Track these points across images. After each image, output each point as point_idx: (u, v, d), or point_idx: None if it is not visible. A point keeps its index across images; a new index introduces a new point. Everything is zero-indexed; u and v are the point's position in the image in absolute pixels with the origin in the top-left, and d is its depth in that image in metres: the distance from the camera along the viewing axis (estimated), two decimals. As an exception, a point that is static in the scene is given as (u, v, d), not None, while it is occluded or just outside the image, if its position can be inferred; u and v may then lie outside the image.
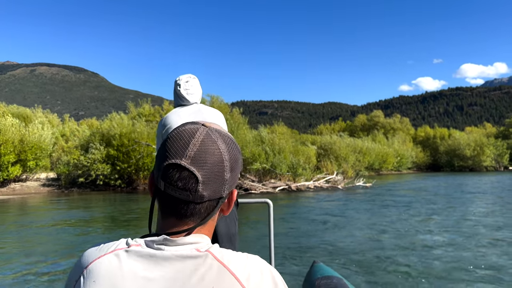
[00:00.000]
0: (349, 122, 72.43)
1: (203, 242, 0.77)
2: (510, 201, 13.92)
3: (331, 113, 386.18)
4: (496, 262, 6.01)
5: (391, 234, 8.19)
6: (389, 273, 5.43)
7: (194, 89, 2.74)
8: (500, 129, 61.00)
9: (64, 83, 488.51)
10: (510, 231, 8.38)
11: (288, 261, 5.93)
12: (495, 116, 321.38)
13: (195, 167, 0.74)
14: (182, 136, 0.77)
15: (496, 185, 21.89)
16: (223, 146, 0.77)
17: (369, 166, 39.59)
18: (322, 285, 2.49)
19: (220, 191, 0.77)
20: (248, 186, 17.82)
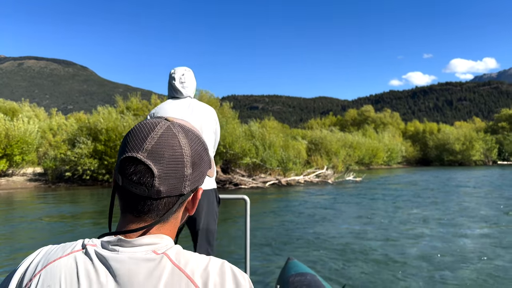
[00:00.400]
0: (339, 116, 72.56)
1: (162, 243, 0.74)
2: (495, 195, 13.99)
3: (322, 107, 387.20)
4: (471, 250, 6.25)
5: (374, 229, 8.19)
6: (366, 266, 5.45)
7: (189, 82, 2.70)
8: (489, 124, 61.53)
9: (52, 76, 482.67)
10: (490, 223, 8.61)
11: (265, 257, 5.88)
12: (484, 111, 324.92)
13: (151, 161, 0.71)
14: (141, 130, 0.74)
15: (484, 179, 22.03)
16: (184, 141, 0.74)
17: (360, 161, 39.71)
18: (295, 282, 2.48)
19: (180, 188, 0.74)
20: (238, 181, 17.68)
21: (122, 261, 0.70)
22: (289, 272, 2.74)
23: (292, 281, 2.53)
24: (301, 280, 2.51)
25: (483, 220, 9.05)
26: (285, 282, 2.58)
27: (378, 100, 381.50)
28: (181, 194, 0.75)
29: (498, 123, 57.47)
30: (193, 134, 0.77)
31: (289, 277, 2.63)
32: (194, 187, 0.77)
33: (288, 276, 2.66)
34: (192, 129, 0.78)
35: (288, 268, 2.85)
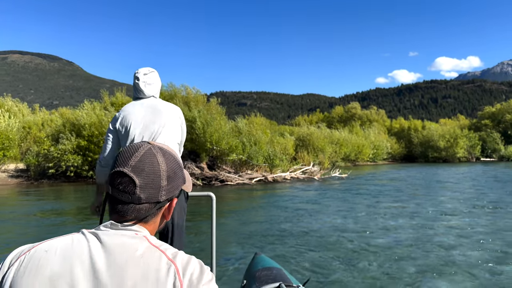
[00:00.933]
0: (326, 113, 72.87)
1: (143, 231, 0.93)
2: (473, 190, 14.20)
3: (309, 104, 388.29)
4: (446, 243, 6.43)
5: (350, 223, 8.28)
6: (335, 258, 5.55)
7: (152, 82, 2.74)
8: (473, 121, 62.42)
9: (37, 71, 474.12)
10: (466, 217, 8.83)
11: (235, 253, 5.90)
12: (468, 109, 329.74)
13: (134, 174, 0.91)
14: (128, 150, 0.95)
15: (464, 175, 22.34)
16: (161, 159, 0.95)
17: (346, 157, 39.93)
18: (262, 276, 2.53)
19: (157, 196, 0.94)
20: (224, 177, 17.60)
21: (110, 235, 0.89)
22: (255, 267, 2.78)
23: (258, 275, 2.57)
24: (267, 274, 2.56)
25: (456, 213, 9.43)
26: (251, 277, 2.62)
27: (365, 97, 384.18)
28: (158, 201, 0.94)
29: (481, 120, 58.37)
30: (170, 154, 0.98)
31: (255, 272, 2.67)
32: (169, 196, 0.97)
33: (255, 270, 2.70)
34: (170, 151, 0.99)
35: (255, 263, 2.90)
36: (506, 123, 55.20)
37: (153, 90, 2.75)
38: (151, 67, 2.87)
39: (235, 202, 12.78)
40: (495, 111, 58.81)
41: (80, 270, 0.83)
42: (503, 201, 11.32)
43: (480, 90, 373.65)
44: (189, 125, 18.15)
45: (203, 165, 17.77)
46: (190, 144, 18.00)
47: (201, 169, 17.55)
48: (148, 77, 2.74)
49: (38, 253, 0.87)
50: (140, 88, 2.70)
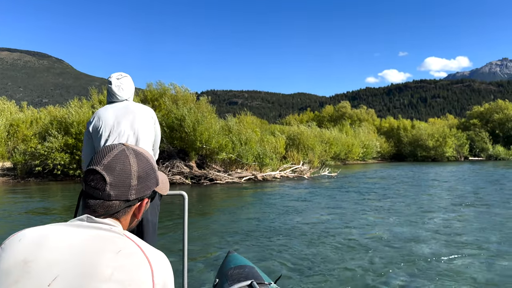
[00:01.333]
0: (317, 112, 73.01)
1: (118, 226, 0.98)
2: (458, 188, 14.33)
3: (300, 103, 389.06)
4: (423, 239, 6.57)
5: (331, 221, 8.34)
6: (310, 255, 5.60)
7: (125, 86, 2.83)
8: (461, 121, 63.05)
9: (26, 69, 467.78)
10: (448, 214, 9.07)
11: (209, 252, 5.90)
12: (457, 108, 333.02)
13: (105, 172, 0.96)
14: (103, 151, 1.00)
15: (451, 174, 22.55)
16: (134, 160, 1.00)
17: (336, 156, 40.08)
18: (234, 275, 2.55)
19: (127, 194, 0.98)
20: (213, 176, 17.53)
21: (88, 226, 0.94)
22: (228, 266, 2.80)
23: (230, 274, 2.59)
24: (239, 272, 2.58)
25: (437, 210, 9.70)
26: (224, 275, 2.64)
27: (355, 96, 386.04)
28: (127, 199, 0.99)
29: (469, 120, 59.00)
30: (143, 156, 1.03)
31: (228, 270, 2.69)
32: (139, 196, 1.02)
33: (227, 269, 2.72)
34: (143, 153, 1.04)
35: (228, 261, 2.92)
36: (494, 122, 55.87)
37: (126, 94, 2.82)
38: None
39: (220, 201, 12.75)
40: (484, 111, 59.51)
41: (52, 258, 0.86)
42: (486, 199, 11.45)
43: (469, 90, 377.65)
44: (178, 123, 18.05)
45: (192, 163, 17.68)
46: (179, 143, 17.91)
47: (190, 168, 17.46)
48: (120, 81, 2.81)
49: (12, 241, 0.90)
50: (113, 92, 2.78)
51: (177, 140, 17.91)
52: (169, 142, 17.84)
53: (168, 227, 7.78)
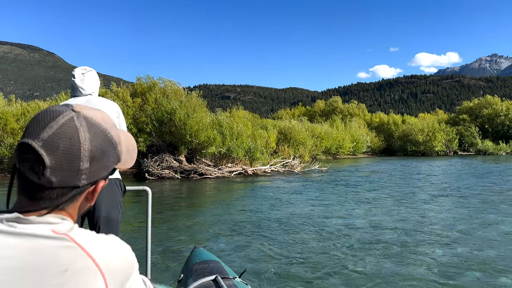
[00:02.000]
0: (308, 107, 73.06)
1: (62, 223, 0.75)
2: (443, 181, 14.43)
3: (292, 98, 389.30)
4: (391, 226, 6.92)
5: (309, 214, 8.44)
6: (278, 249, 5.70)
7: (89, 81, 2.82)
8: (451, 116, 63.51)
9: (17, 62, 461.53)
10: (427, 204, 9.47)
11: (176, 247, 5.90)
12: (446, 104, 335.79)
13: (44, 151, 0.71)
14: (44, 117, 0.74)
15: (440, 168, 22.73)
16: (86, 135, 0.74)
17: (326, 151, 40.17)
18: (199, 270, 2.55)
19: (74, 180, 0.74)
20: (203, 170, 17.45)
21: (19, 235, 0.70)
22: (193, 261, 2.79)
23: (195, 269, 2.59)
24: (204, 267, 2.58)
25: (418, 202, 10.12)
26: (188, 271, 2.64)
27: (346, 91, 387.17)
28: (75, 186, 0.75)
29: (459, 115, 59.43)
30: (99, 128, 0.77)
31: (193, 265, 2.68)
32: (92, 180, 0.77)
33: (192, 264, 2.71)
34: (98, 123, 0.77)
35: (193, 256, 2.91)
36: (483, 117, 56.34)
37: (90, 88, 2.81)
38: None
39: (203, 196, 12.73)
40: (473, 106, 59.95)
41: None
42: (466, 191, 11.56)
43: (458, 86, 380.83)
44: (168, 117, 17.90)
45: (182, 158, 17.57)
46: (169, 137, 17.77)
47: (180, 162, 17.35)
48: (84, 76, 2.81)
49: None
50: (77, 86, 2.76)
51: (166, 134, 17.77)
52: (158, 136, 17.69)
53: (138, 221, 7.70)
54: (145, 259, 2.71)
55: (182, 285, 2.53)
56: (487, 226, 7.07)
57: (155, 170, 16.54)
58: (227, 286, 2.24)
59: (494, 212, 8.43)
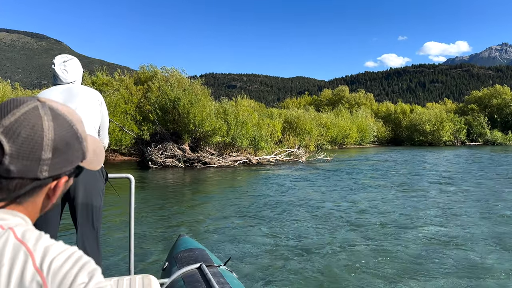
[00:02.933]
0: (315, 96, 72.56)
1: (11, 220, 0.71)
2: (446, 171, 14.17)
3: (299, 87, 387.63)
4: (386, 219, 6.46)
5: (300, 206, 8.28)
6: (269, 238, 5.68)
7: (70, 69, 2.79)
8: (459, 106, 62.74)
9: (25, 50, 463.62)
10: (426, 193, 9.05)
11: (169, 236, 5.83)
12: (455, 93, 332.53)
13: (4, 137, 0.69)
14: (7, 104, 0.72)
15: (446, 158, 22.40)
16: (50, 123, 0.72)
17: (333, 140, 39.89)
18: (183, 258, 2.55)
19: (35, 171, 0.71)
20: (207, 159, 17.31)
21: None
22: (178, 249, 2.78)
23: (180, 257, 2.58)
24: (189, 255, 2.58)
25: (417, 192, 9.92)
26: (173, 259, 2.62)
27: (354, 81, 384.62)
28: (36, 178, 0.72)
29: (468, 105, 58.67)
30: (64, 119, 0.75)
31: (178, 254, 2.67)
32: (54, 173, 0.74)
33: (177, 252, 2.70)
34: (66, 114, 0.76)
35: (178, 244, 2.90)
36: (492, 107, 55.57)
37: (71, 77, 2.78)
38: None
39: (201, 184, 12.58)
40: (482, 96, 59.10)
41: None
42: (476, 181, 11.28)
43: (467, 75, 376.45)
44: (171, 105, 17.73)
45: (185, 146, 17.43)
46: (172, 125, 17.62)
47: (183, 151, 17.21)
48: (65, 63, 2.79)
49: None
50: (57, 74, 2.74)
51: (170, 123, 17.61)
52: (162, 124, 17.55)
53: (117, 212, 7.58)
54: (128, 249, 2.69)
55: (166, 274, 2.52)
56: (499, 217, 6.85)
57: (158, 158, 16.42)
58: (211, 274, 2.24)
59: (503, 203, 8.20)
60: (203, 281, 2.18)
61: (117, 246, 5.18)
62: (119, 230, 6.05)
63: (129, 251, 2.64)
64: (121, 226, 6.36)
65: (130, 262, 2.63)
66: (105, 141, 2.87)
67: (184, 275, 2.29)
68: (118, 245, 5.23)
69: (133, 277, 1.88)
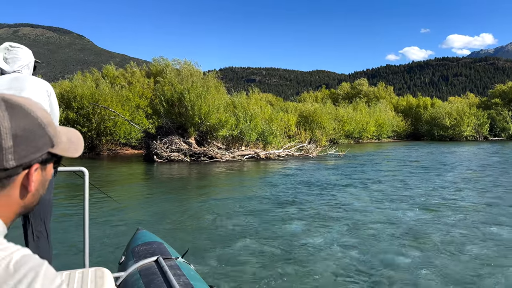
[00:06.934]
0: (332, 89, 71.44)
1: None
2: (461, 169, 13.40)
3: (318, 81, 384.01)
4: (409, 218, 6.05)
5: (277, 200, 8.11)
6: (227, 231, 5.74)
7: (15, 58, 2.72)
8: (482, 100, 60.72)
9: (48, 45, 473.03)
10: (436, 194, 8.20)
11: (131, 231, 5.57)
12: (479, 87, 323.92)
13: None
14: None
15: (464, 155, 21.46)
16: (4, 113, 0.72)
17: (349, 135, 39.09)
18: (141, 251, 2.55)
19: (0, 160, 0.71)
20: (213, 153, 16.94)
21: None
22: (135, 243, 2.77)
23: (137, 250, 2.58)
24: (146, 249, 2.57)
25: (430, 193, 9.02)
26: (130, 252, 2.62)
27: (375, 74, 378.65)
28: (4, 168, 0.71)
29: (491, 99, 56.69)
30: (21, 108, 0.74)
31: (135, 247, 2.66)
32: (23, 161, 0.73)
33: (135, 246, 2.69)
34: (24, 104, 0.75)
35: (136, 238, 2.89)
36: (517, 101, 53.55)
37: (16, 66, 2.70)
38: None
39: (193, 179, 12.28)
40: (506, 89, 56.93)
41: None
42: (497, 181, 10.55)
43: (492, 68, 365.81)
44: (177, 98, 17.38)
45: (191, 140, 17.08)
46: (178, 118, 17.28)
47: (189, 145, 16.87)
48: (10, 52, 2.72)
49: None
50: (2, 63, 2.67)
51: (175, 116, 17.28)
52: (167, 117, 17.23)
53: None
54: (82, 244, 2.70)
55: (123, 267, 2.51)
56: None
57: (163, 152, 16.14)
58: (168, 266, 2.24)
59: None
60: (159, 274, 2.18)
61: (78, 241, 5.07)
62: (72, 225, 6.00)
63: (83, 245, 2.67)
64: (75, 221, 6.30)
65: (85, 255, 2.65)
66: None
67: (140, 268, 2.30)
68: (80, 240, 5.07)
69: (85, 270, 1.86)
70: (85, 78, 22.12)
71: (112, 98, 20.11)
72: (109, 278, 1.84)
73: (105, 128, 19.68)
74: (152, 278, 2.14)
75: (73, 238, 5.24)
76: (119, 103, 20.68)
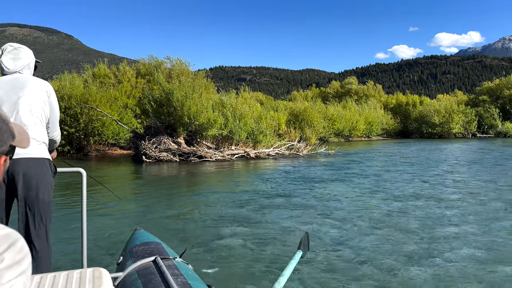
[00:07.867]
0: (322, 88, 71.62)
1: None
2: (447, 164, 13.53)
3: (309, 80, 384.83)
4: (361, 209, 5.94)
5: (268, 197, 8.16)
6: (222, 230, 5.72)
7: (16, 58, 2.72)
8: (470, 97, 61.34)
9: (36, 45, 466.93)
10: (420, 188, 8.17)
11: (122, 231, 5.67)
12: (467, 85, 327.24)
13: None
14: None
15: (451, 151, 21.68)
16: None
17: (339, 133, 39.24)
18: (139, 251, 2.55)
19: None
20: (202, 153, 16.86)
21: None
22: (133, 243, 2.78)
23: (135, 250, 2.58)
24: (144, 249, 2.57)
25: (413, 188, 9.11)
26: (128, 253, 2.62)
27: (364, 73, 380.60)
28: None
29: (479, 96, 57.29)
30: None
31: (133, 247, 2.66)
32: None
33: (132, 246, 2.70)
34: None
35: (134, 238, 2.90)
36: (505, 98, 54.16)
37: (17, 66, 2.70)
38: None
39: (180, 179, 12.24)
40: (494, 87, 57.61)
41: None
42: (481, 176, 10.66)
43: (480, 66, 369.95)
44: (165, 97, 17.27)
45: (180, 140, 16.97)
46: (167, 118, 17.16)
47: (178, 145, 16.76)
48: (12, 53, 2.72)
49: None
50: (3, 63, 2.68)
51: (164, 115, 17.17)
52: (156, 117, 17.10)
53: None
54: (80, 244, 2.71)
55: (121, 268, 2.52)
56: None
57: (152, 152, 16.02)
58: (166, 266, 2.24)
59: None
60: (157, 274, 2.18)
61: (76, 241, 4.98)
62: (73, 223, 5.90)
63: (82, 245, 2.69)
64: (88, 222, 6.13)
65: (83, 256, 2.67)
66: (55, 134, 2.84)
67: (138, 268, 2.30)
68: (78, 240, 4.97)
69: (83, 271, 1.86)
70: (73, 78, 21.87)
71: (101, 99, 19.90)
72: (107, 279, 1.83)
73: (93, 128, 19.49)
74: (150, 278, 2.16)
75: (71, 238, 5.22)
76: (108, 103, 20.50)
